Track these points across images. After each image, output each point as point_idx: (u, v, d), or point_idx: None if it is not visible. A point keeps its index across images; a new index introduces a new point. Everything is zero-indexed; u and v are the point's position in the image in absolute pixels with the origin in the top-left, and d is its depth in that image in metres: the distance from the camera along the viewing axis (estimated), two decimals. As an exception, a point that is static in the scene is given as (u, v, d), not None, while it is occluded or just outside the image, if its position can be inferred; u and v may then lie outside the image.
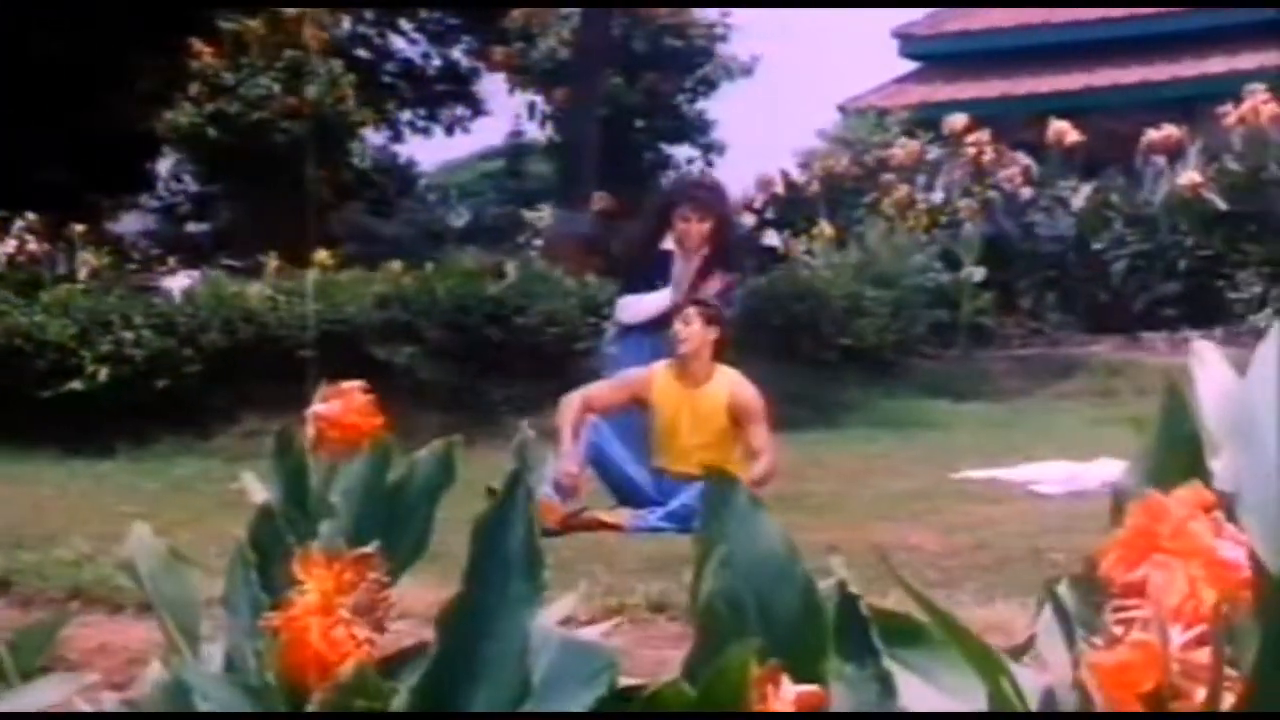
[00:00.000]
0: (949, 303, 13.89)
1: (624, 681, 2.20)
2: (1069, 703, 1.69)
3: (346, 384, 3.03)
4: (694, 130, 19.91)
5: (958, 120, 16.07)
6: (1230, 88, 18.30)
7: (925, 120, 17.90)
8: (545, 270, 12.91)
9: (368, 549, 2.51)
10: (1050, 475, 7.78)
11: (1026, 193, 15.13)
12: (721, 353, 7.55)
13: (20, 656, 2.80)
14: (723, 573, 2.00)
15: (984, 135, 15.56)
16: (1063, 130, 15.40)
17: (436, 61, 21.34)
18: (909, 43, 23.37)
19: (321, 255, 13.50)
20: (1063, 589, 1.80)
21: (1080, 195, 14.87)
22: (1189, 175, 14.27)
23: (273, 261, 14.01)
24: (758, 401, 7.51)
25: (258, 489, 2.95)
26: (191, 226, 21.20)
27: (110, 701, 2.79)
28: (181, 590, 2.85)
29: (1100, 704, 1.49)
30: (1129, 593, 1.51)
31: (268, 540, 2.76)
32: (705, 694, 1.89)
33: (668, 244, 8.08)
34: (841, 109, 20.90)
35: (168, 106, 17.99)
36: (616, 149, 17.75)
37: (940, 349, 13.68)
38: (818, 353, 12.61)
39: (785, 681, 1.81)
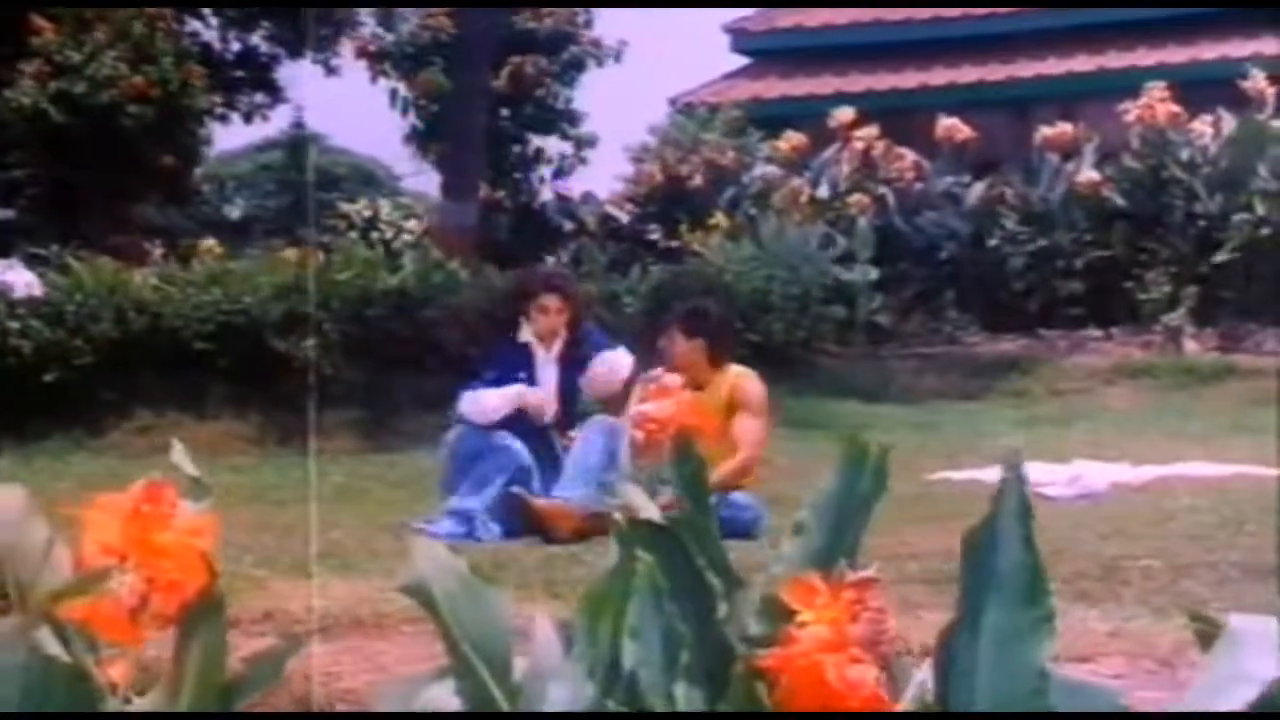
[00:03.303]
0: (845, 300, 13.63)
1: None
2: None
3: (667, 380, 2.63)
4: (563, 120, 19.45)
5: (844, 114, 15.83)
6: (1065, 89, 18.50)
7: (759, 117, 17.64)
8: (443, 260, 12.39)
9: (869, 573, 2.08)
10: (1054, 477, 7.48)
11: (918, 189, 14.93)
12: (719, 359, 7.25)
13: (252, 684, 2.32)
14: None
15: (873, 130, 15.32)
16: (953, 127, 15.23)
17: (235, 46, 20.59)
18: (741, 38, 23.04)
19: (209, 243, 12.83)
20: None
21: (973, 192, 14.71)
22: (1087, 173, 14.18)
23: (157, 250, 13.29)
24: (757, 397, 7.18)
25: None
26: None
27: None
28: (486, 615, 2.37)
29: None
30: None
31: (672, 561, 2.29)
32: None
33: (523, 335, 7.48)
34: (673, 103, 20.52)
35: (4, 85, 17.07)
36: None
37: (839, 347, 13.41)
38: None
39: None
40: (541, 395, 7.20)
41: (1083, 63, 19.48)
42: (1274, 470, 7.89)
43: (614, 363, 7.30)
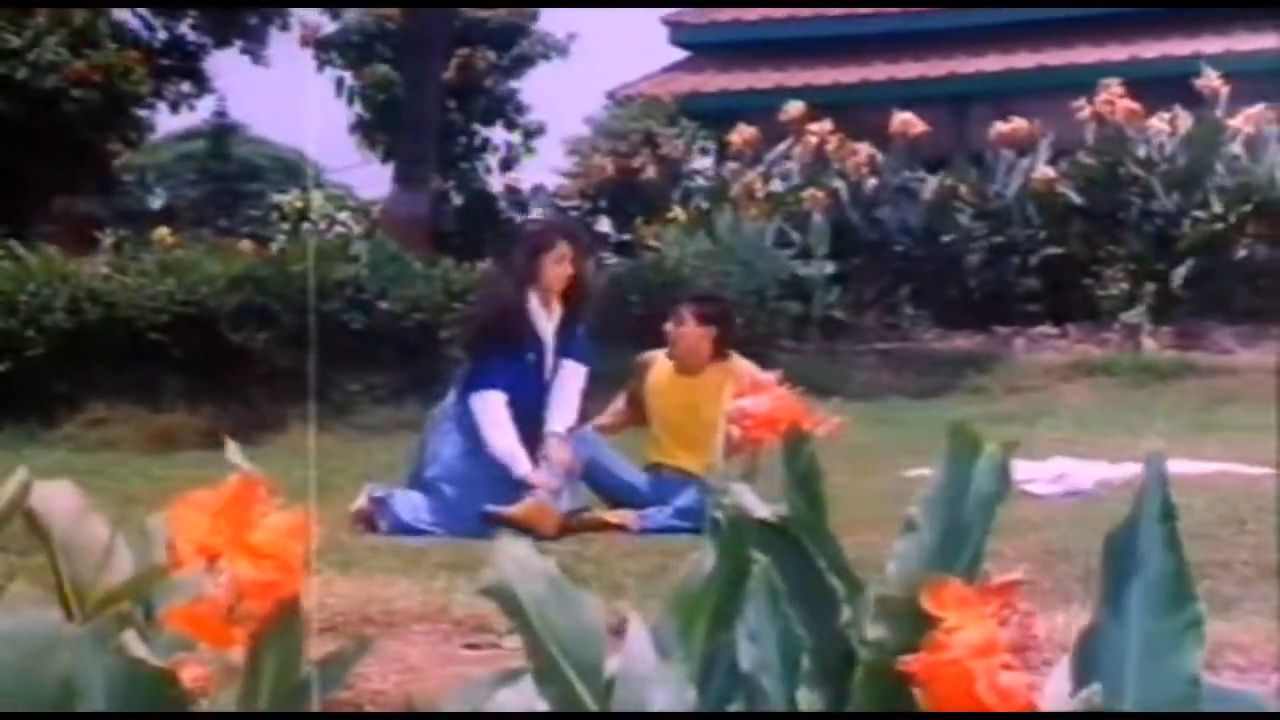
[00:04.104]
0: (801, 295, 13.55)
1: None
2: None
3: (764, 376, 2.53)
4: (510, 112, 19.30)
5: (795, 108, 15.75)
6: (1004, 85, 18.53)
7: (698, 110, 17.56)
8: (397, 252, 12.23)
9: (1015, 576, 1.98)
10: (1039, 474, 7.41)
11: (872, 184, 14.87)
12: (721, 350, 7.14)
13: (321, 685, 2.23)
14: None
15: (826, 124, 15.25)
16: (907, 121, 15.17)
17: (162, 35, 20.30)
18: (679, 31, 22.93)
19: (162, 232, 12.62)
20: None
21: (928, 188, 14.67)
22: (1043, 170, 14.16)
23: (108, 238, 13.07)
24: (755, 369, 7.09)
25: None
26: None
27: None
28: (576, 617, 2.27)
29: None
30: None
31: (789, 562, 2.19)
32: None
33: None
34: (611, 96, 20.39)
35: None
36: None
37: (795, 342, 13.33)
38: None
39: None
40: (552, 483, 6.79)
41: (1023, 59, 19.54)
42: (1256, 468, 7.90)
43: (578, 373, 7.10)
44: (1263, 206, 13.24)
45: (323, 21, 19.32)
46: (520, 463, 6.76)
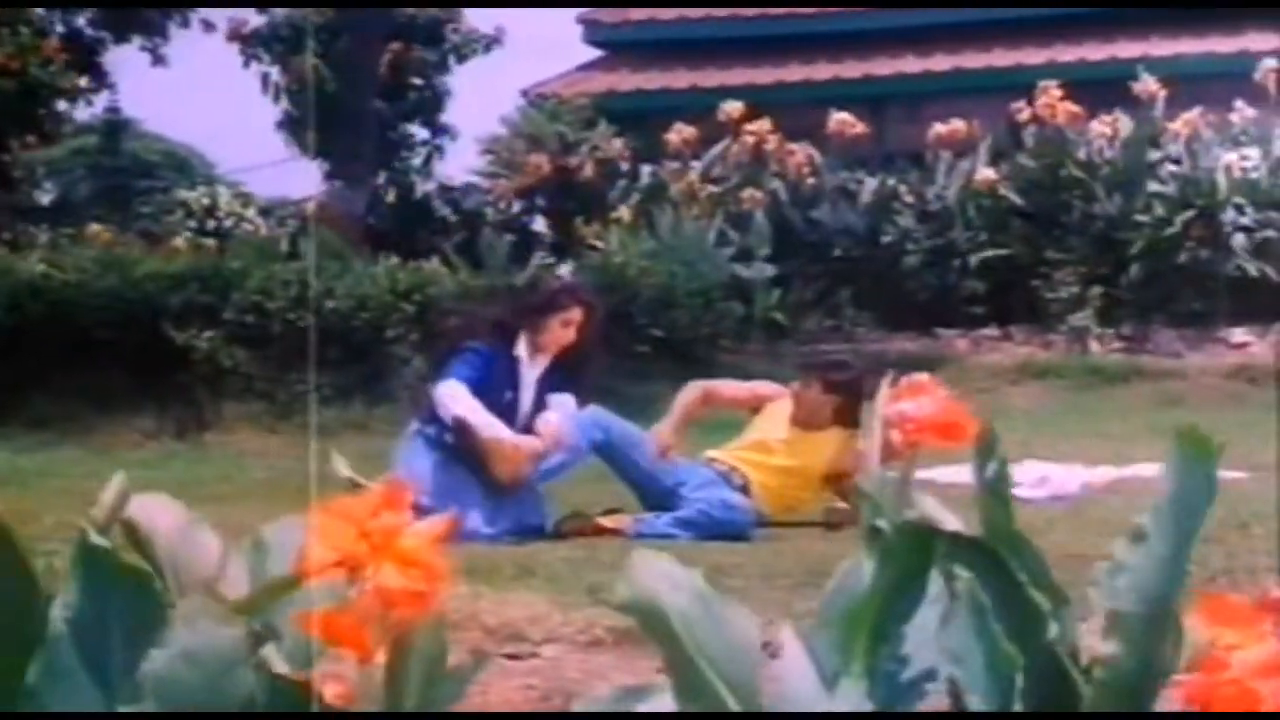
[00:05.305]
0: (743, 297, 13.47)
1: None
2: None
3: (917, 376, 2.40)
4: (439, 109, 19.15)
5: (733, 108, 15.66)
6: (923, 87, 18.56)
7: (612, 110, 17.45)
8: (342, 250, 12.05)
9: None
10: (1021, 479, 7.32)
11: (810, 184, 14.80)
12: (846, 418, 7.04)
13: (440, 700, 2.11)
14: None
15: (764, 123, 15.16)
16: (844, 121, 15.12)
17: (60, 29, 19.92)
18: (593, 30, 22.78)
19: (97, 228, 12.34)
20: None
21: (867, 188, 14.62)
22: (984, 172, 14.15)
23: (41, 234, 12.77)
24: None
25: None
26: None
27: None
28: (727, 633, 2.15)
29: None
30: None
31: (984, 575, 2.07)
32: None
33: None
34: (525, 94, 20.22)
35: None
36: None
37: (737, 343, 13.24)
38: (629, 345, 12.04)
39: None
40: (535, 444, 6.69)
41: (939, 62, 19.54)
42: (1230, 472, 7.88)
43: (566, 401, 6.94)
44: (1204, 211, 13.28)
45: (249, 16, 19.04)
46: (499, 429, 6.65)
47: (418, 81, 19.02)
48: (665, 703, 2.19)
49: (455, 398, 6.68)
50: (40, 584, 2.03)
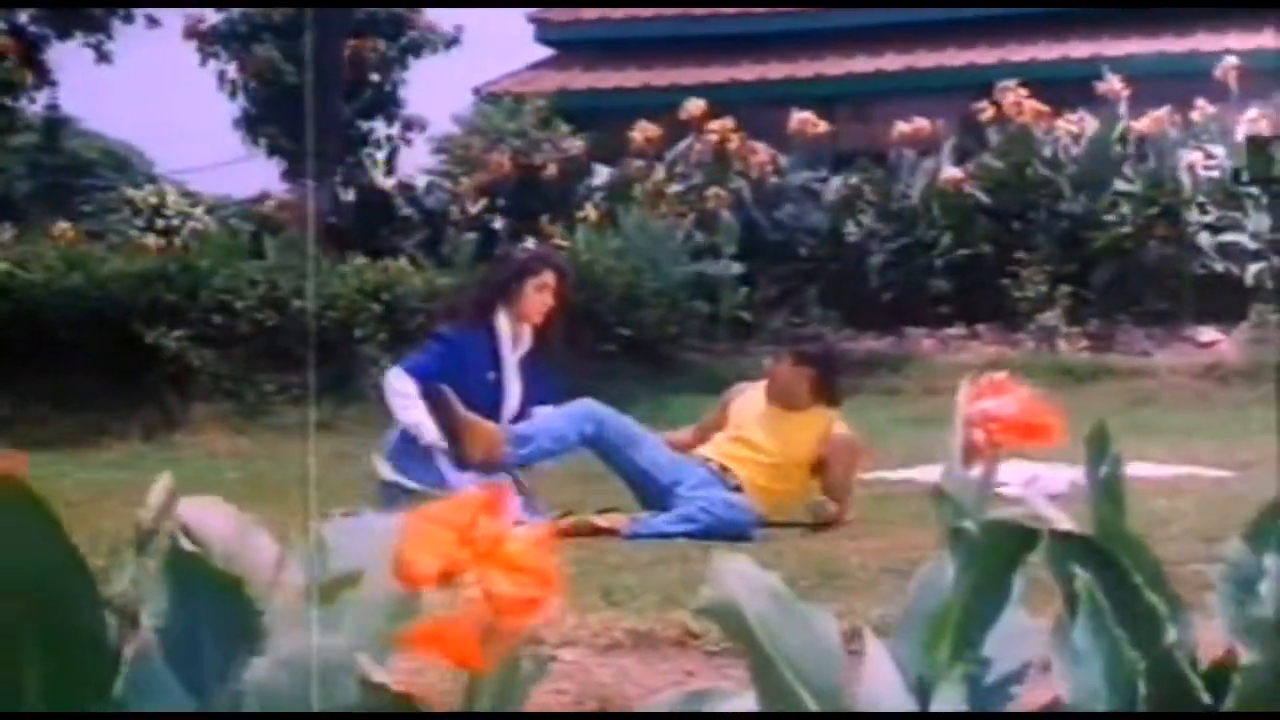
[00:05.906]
0: (709, 295, 13.43)
1: None
2: None
3: (997, 375, 2.32)
4: (391, 104, 19.02)
5: (695, 106, 15.62)
6: (875, 86, 18.59)
7: (563, 109, 17.40)
8: (306, 248, 11.96)
9: None
10: (1009, 478, 7.27)
11: (774, 183, 14.78)
12: (825, 394, 7.04)
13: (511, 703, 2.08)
14: None
15: (728, 122, 15.13)
16: (806, 120, 15.10)
17: (0, 25, 19.73)
18: (544, 29, 22.73)
19: (62, 226, 12.19)
20: None
21: (830, 187, 14.60)
22: (950, 171, 14.14)
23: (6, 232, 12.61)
24: (852, 454, 7.00)
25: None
26: None
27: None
28: (810, 638, 2.09)
29: None
30: None
31: (1105, 578, 2.02)
32: None
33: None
34: (477, 92, 20.15)
35: None
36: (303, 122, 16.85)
37: (704, 342, 13.20)
38: (596, 344, 11.99)
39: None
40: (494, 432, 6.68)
41: (891, 61, 19.57)
42: (1213, 470, 7.89)
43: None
44: (1169, 209, 13.31)
45: (206, 14, 18.85)
46: (427, 431, 6.65)
47: (375, 78, 18.88)
48: (741, 705, 2.15)
49: (393, 387, 6.75)
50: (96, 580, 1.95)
